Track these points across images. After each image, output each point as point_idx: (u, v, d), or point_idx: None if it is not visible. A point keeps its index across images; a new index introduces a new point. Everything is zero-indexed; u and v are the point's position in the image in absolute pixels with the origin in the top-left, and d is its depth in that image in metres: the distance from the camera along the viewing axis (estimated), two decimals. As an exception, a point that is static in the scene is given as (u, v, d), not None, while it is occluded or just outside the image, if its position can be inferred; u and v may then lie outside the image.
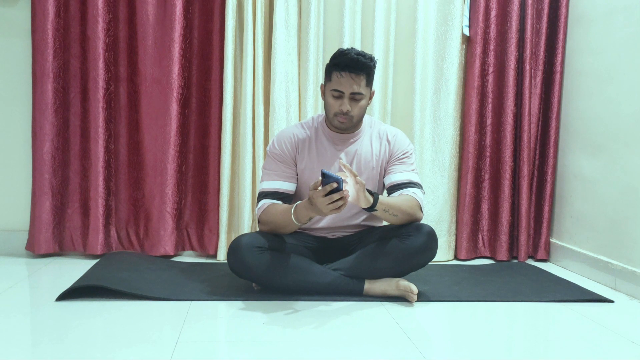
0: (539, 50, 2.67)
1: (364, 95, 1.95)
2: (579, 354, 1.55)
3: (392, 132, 2.12)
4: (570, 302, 2.00)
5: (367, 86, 1.96)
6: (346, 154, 2.06)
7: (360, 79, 1.92)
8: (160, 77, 2.45)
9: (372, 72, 1.97)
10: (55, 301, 1.83)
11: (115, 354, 1.44)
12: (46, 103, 2.39)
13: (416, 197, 1.97)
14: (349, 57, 1.91)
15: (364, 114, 2.04)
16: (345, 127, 2.00)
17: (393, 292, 1.94)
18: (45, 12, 2.36)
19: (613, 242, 2.28)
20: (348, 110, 1.94)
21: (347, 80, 1.91)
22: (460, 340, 1.65)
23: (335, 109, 1.96)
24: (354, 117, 1.98)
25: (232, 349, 1.50)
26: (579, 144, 2.54)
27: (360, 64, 1.90)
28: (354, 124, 2.01)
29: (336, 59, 1.94)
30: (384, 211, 1.89)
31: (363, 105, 1.98)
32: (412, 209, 1.94)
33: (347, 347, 1.56)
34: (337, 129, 2.04)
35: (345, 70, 1.91)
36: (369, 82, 1.97)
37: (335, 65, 1.94)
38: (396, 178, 2.02)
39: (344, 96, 1.93)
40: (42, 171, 2.41)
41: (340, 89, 1.92)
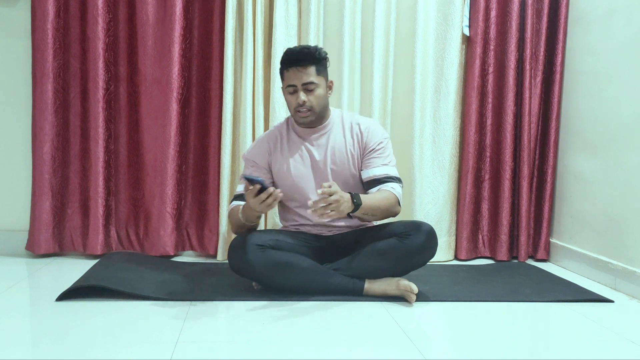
0: (539, 50, 2.67)
1: (317, 84, 1.99)
2: (579, 354, 1.55)
3: (364, 123, 2.12)
4: (570, 302, 2.00)
5: (319, 75, 2.00)
6: (318, 147, 2.08)
7: (309, 70, 1.97)
8: (160, 77, 2.45)
9: (321, 62, 2.01)
10: (55, 301, 1.83)
11: (115, 354, 1.44)
12: (46, 103, 2.39)
13: (394, 192, 2.00)
14: (293, 52, 2.00)
15: (325, 104, 2.06)
16: (308, 120, 2.03)
17: (393, 291, 1.94)
18: (45, 12, 2.36)
19: (613, 242, 2.28)
20: (304, 101, 1.98)
21: (296, 74, 1.97)
22: (460, 340, 1.65)
23: (294, 104, 2.01)
24: (314, 107, 2.01)
25: (232, 349, 1.50)
26: (579, 144, 2.54)
27: (304, 54, 1.98)
28: (316, 115, 2.03)
29: (283, 59, 2.01)
30: (363, 214, 1.92)
31: (320, 94, 2.01)
32: (391, 205, 1.98)
33: (347, 347, 1.56)
34: (303, 125, 2.07)
35: (292, 66, 1.97)
36: (319, 71, 2.00)
37: (283, 64, 2.01)
38: (374, 173, 2.04)
39: (298, 89, 1.98)
40: (42, 171, 2.41)
41: (292, 83, 1.98)
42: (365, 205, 1.89)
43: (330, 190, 1.76)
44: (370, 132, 2.09)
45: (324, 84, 2.03)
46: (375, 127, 2.12)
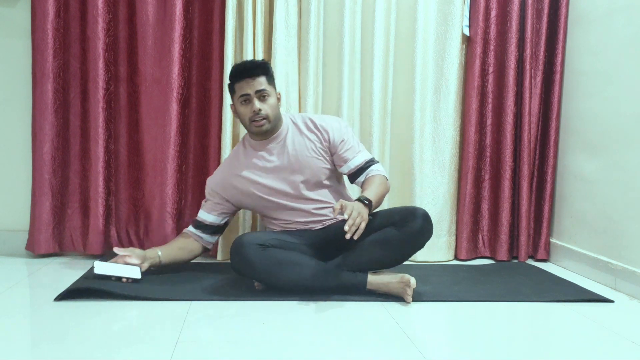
0: (539, 50, 2.67)
1: (269, 92, 2.06)
2: (579, 354, 1.55)
3: (318, 119, 2.18)
4: (570, 302, 2.00)
5: (270, 84, 2.08)
6: (278, 154, 2.13)
7: (260, 79, 2.05)
8: (160, 77, 2.45)
9: (270, 72, 2.10)
10: (54, 301, 1.83)
11: (115, 354, 1.44)
12: (46, 103, 2.39)
13: (380, 172, 2.11)
14: (241, 65, 2.09)
15: (278, 113, 2.12)
16: (264, 129, 2.07)
17: (395, 286, 1.93)
18: (45, 12, 2.36)
19: (613, 242, 2.28)
20: (259, 108, 2.03)
21: (248, 83, 2.04)
22: (460, 340, 1.65)
23: (249, 114, 2.06)
24: (269, 115, 2.06)
25: (232, 349, 1.50)
26: (579, 144, 2.54)
27: (253, 65, 2.07)
28: (271, 123, 2.08)
29: (232, 73, 2.09)
30: (374, 206, 1.99)
31: (273, 103, 2.07)
32: (386, 186, 2.09)
33: (347, 347, 1.55)
34: (259, 136, 2.11)
35: (243, 77, 2.05)
36: (269, 81, 2.08)
37: (233, 78, 2.08)
38: (355, 164, 2.12)
39: (251, 97, 2.04)
40: (42, 171, 2.41)
41: (245, 92, 2.04)
42: (374, 199, 1.97)
43: (344, 209, 1.81)
44: (330, 128, 2.14)
45: (275, 95, 2.11)
46: (331, 121, 2.18)
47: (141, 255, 2.04)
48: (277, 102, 2.12)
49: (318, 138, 2.14)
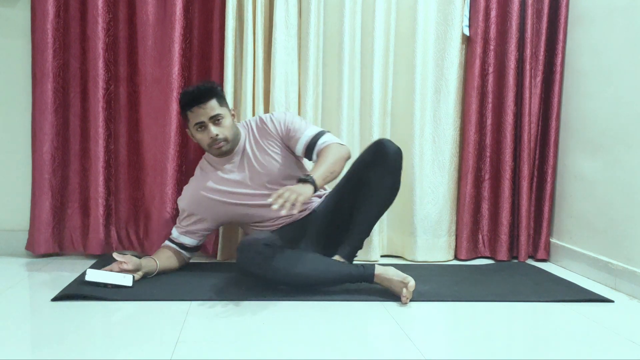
0: (539, 50, 2.67)
1: (223, 115, 2.07)
2: (579, 354, 1.55)
3: (265, 116, 2.22)
4: (570, 302, 2.00)
5: (222, 106, 2.09)
6: (240, 168, 2.16)
7: (211, 104, 2.05)
8: (160, 77, 2.45)
9: (219, 93, 2.10)
10: (51, 301, 1.83)
11: (115, 354, 1.44)
12: (46, 103, 2.39)
13: (331, 141, 2.08)
14: (190, 93, 2.07)
15: (236, 131, 2.14)
16: (225, 149, 2.11)
17: (396, 284, 1.92)
18: (45, 12, 2.36)
19: (613, 242, 2.28)
20: (216, 134, 2.05)
21: (199, 111, 2.04)
22: (460, 340, 1.65)
23: (207, 140, 2.07)
24: (227, 137, 2.09)
25: (232, 349, 1.50)
26: (579, 144, 2.54)
27: (202, 91, 2.06)
28: (231, 143, 2.11)
29: (182, 101, 2.09)
30: (325, 179, 1.95)
31: (228, 124, 2.09)
32: (339, 154, 2.04)
33: (347, 347, 1.55)
34: (221, 156, 2.14)
35: (193, 105, 2.04)
36: (221, 102, 2.09)
37: (184, 107, 2.08)
38: (304, 140, 2.12)
39: (206, 123, 2.05)
40: (42, 171, 2.41)
41: (199, 120, 2.05)
42: (319, 174, 1.92)
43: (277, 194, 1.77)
44: (277, 120, 2.17)
45: (229, 114, 2.12)
46: (277, 114, 2.21)
47: (137, 263, 2.03)
48: (232, 119, 2.14)
49: (272, 135, 2.16)
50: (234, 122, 2.15)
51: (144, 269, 2.06)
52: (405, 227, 2.63)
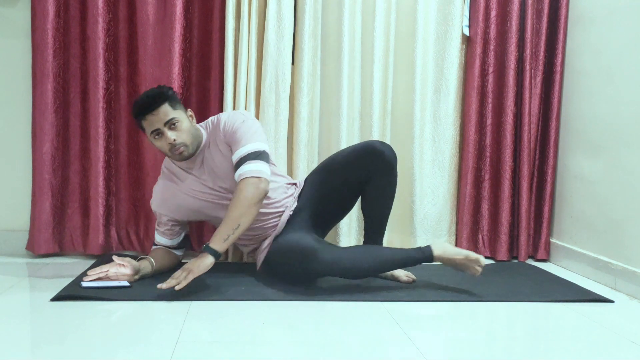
0: (539, 50, 2.67)
1: (178, 118, 1.98)
2: (579, 354, 1.55)
3: (221, 116, 2.13)
4: (570, 302, 2.00)
5: (176, 109, 2.00)
6: (200, 172, 2.11)
7: (163, 109, 1.96)
8: (160, 77, 2.44)
9: (170, 96, 2.00)
10: (50, 301, 1.83)
11: (115, 354, 1.44)
12: (46, 103, 2.39)
13: (249, 174, 1.93)
14: (140, 102, 1.99)
15: (196, 133, 2.06)
16: (187, 154, 2.04)
17: (462, 262, 2.03)
18: (45, 12, 2.36)
19: (613, 242, 2.28)
20: (174, 139, 1.97)
21: (153, 118, 1.96)
22: (460, 340, 1.65)
23: (166, 146, 1.99)
24: (186, 141, 2.00)
25: (232, 349, 1.50)
26: (579, 144, 2.54)
27: (151, 97, 1.97)
28: (191, 146, 2.03)
29: (133, 112, 2.02)
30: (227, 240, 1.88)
31: (186, 127, 2.00)
32: (249, 201, 1.90)
33: (347, 347, 1.55)
34: (183, 160, 2.09)
35: (145, 114, 1.97)
36: (174, 106, 1.99)
37: (137, 117, 2.01)
38: (234, 158, 2.00)
39: (162, 130, 1.97)
40: (42, 171, 2.41)
41: (154, 128, 1.97)
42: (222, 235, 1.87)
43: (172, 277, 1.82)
44: (223, 122, 2.08)
45: (185, 116, 2.03)
46: (227, 117, 2.09)
47: (136, 265, 2.03)
48: (191, 120, 2.07)
49: (221, 138, 2.08)
50: (193, 124, 2.07)
51: (141, 271, 2.06)
52: (405, 227, 2.63)
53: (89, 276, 1.96)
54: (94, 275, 1.95)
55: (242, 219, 1.89)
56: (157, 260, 2.13)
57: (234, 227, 1.87)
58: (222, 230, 1.87)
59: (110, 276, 1.97)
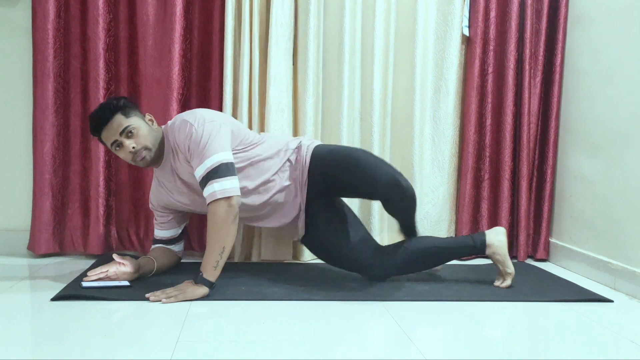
0: (538, 50, 2.68)
1: (133, 125, 1.94)
2: (578, 353, 1.55)
3: (173, 126, 2.01)
4: (570, 302, 2.00)
5: (130, 116, 1.96)
6: (169, 178, 2.08)
7: (116, 119, 1.94)
8: (161, 77, 2.45)
9: (122, 106, 1.96)
10: (51, 301, 1.83)
11: (115, 354, 1.44)
12: (46, 103, 2.40)
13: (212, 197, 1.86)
14: (92, 118, 1.98)
15: (157, 136, 2.01)
16: (150, 158, 1.99)
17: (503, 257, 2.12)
18: (45, 12, 2.36)
19: (613, 242, 2.28)
20: (133, 146, 1.94)
21: (108, 133, 1.95)
22: (460, 340, 1.65)
23: (128, 155, 1.97)
24: (148, 145, 1.97)
25: (232, 349, 1.50)
26: (579, 143, 2.54)
27: (102, 111, 1.95)
28: (153, 150, 1.99)
29: (90, 129, 2.00)
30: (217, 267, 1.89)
31: (144, 132, 1.96)
32: (222, 229, 1.86)
33: (347, 347, 1.56)
34: (150, 166, 2.07)
35: (101, 130, 1.96)
36: (127, 113, 1.96)
37: (94, 134, 2.00)
38: (197, 177, 1.93)
39: (120, 140, 1.94)
40: (43, 171, 2.41)
41: (112, 140, 1.95)
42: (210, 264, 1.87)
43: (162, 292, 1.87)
44: (173, 135, 1.99)
45: (142, 122, 1.99)
46: (178, 127, 1.97)
47: (136, 264, 2.03)
48: (152, 124, 2.03)
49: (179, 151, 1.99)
50: (154, 127, 2.03)
51: (142, 269, 2.06)
52: (405, 227, 2.63)
53: (89, 277, 1.96)
54: (94, 276, 1.96)
55: (225, 242, 1.88)
56: (158, 259, 2.14)
57: (220, 252, 1.87)
58: (210, 258, 1.87)
59: (110, 276, 1.97)
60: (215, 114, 2.06)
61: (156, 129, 2.05)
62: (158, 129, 2.06)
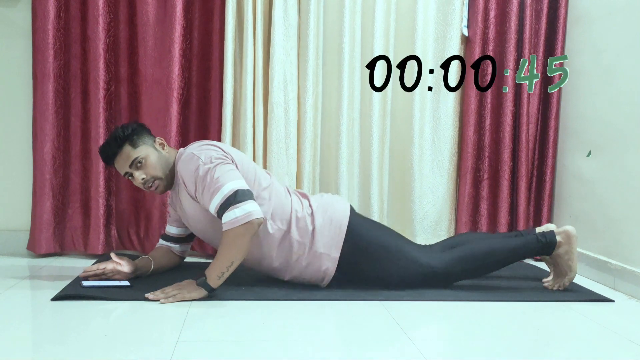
0: (537, 50, 2.68)
1: (141, 156, 1.94)
2: (579, 353, 1.55)
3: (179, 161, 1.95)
4: (570, 302, 2.00)
5: (138, 147, 1.95)
6: (177, 205, 2.05)
7: (125, 151, 1.94)
8: (161, 78, 2.45)
9: (128, 137, 1.95)
10: (51, 301, 1.83)
11: (115, 354, 1.44)
12: (47, 103, 2.40)
13: (227, 227, 1.80)
14: (102, 149, 1.98)
15: (167, 163, 1.99)
16: (163, 187, 2.00)
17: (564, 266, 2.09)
18: (45, 12, 2.36)
19: (612, 242, 2.28)
20: (143, 177, 1.95)
21: (119, 165, 1.97)
22: (460, 340, 1.65)
23: (140, 185, 1.98)
24: (158, 175, 1.96)
25: (232, 349, 1.50)
26: (578, 143, 2.54)
27: (109, 147, 1.95)
28: (165, 178, 1.99)
29: (102, 160, 2.01)
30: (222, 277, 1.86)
31: (152, 161, 1.95)
32: (233, 243, 1.81)
33: (347, 347, 1.56)
34: (162, 193, 2.06)
35: (111, 162, 1.98)
36: (135, 144, 1.95)
37: (107, 164, 2.02)
38: (213, 211, 1.86)
39: (130, 172, 1.96)
40: (43, 171, 2.42)
41: (123, 172, 1.97)
42: (216, 272, 1.84)
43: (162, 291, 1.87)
44: (182, 168, 1.93)
45: (152, 149, 1.97)
46: (187, 160, 1.92)
47: (133, 265, 2.04)
48: (161, 149, 2.00)
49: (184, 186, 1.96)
50: (164, 153, 2.00)
51: (139, 270, 2.06)
52: (404, 227, 2.63)
53: (87, 272, 1.96)
54: (91, 272, 1.96)
55: (236, 257, 1.84)
56: (156, 259, 2.14)
57: (228, 265, 1.84)
58: (217, 267, 1.84)
59: (107, 273, 1.97)
60: (223, 151, 1.95)
61: (167, 154, 2.01)
62: (170, 153, 2.03)
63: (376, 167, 2.57)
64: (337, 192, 2.53)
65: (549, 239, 2.07)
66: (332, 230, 1.98)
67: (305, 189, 2.51)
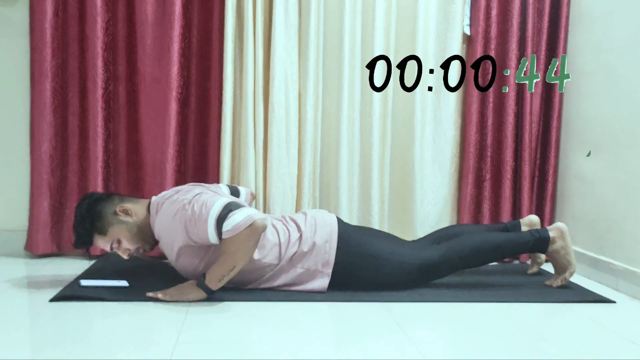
0: (540, 49, 2.67)
1: (114, 238, 1.94)
2: (580, 354, 1.54)
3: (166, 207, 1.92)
4: (572, 303, 1.99)
5: (108, 231, 1.94)
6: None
7: (99, 242, 1.96)
8: (160, 77, 2.44)
9: (94, 228, 1.93)
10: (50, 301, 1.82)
11: (115, 354, 1.43)
12: (44, 102, 2.38)
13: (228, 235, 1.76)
14: (76, 247, 1.99)
15: (138, 229, 1.96)
16: (150, 248, 2.03)
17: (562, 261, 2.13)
18: (43, 11, 2.35)
19: (614, 242, 2.27)
20: (128, 254, 1.98)
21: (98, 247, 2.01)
22: (460, 340, 1.64)
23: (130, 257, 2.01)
24: (136, 245, 1.98)
25: (232, 349, 1.49)
26: (580, 143, 2.53)
27: (83, 242, 1.96)
28: (148, 243, 2.01)
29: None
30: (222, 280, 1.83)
31: (126, 238, 1.95)
32: (237, 247, 1.78)
33: (347, 347, 1.55)
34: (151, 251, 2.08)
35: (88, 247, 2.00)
36: (102, 231, 1.94)
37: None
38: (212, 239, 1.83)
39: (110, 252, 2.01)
40: (41, 171, 2.40)
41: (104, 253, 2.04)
42: (216, 275, 1.81)
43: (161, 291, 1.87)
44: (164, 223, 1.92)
45: (120, 226, 1.94)
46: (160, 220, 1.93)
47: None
48: (127, 219, 1.95)
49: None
50: (131, 221, 1.95)
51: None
52: (405, 228, 2.62)
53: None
54: None
55: (238, 262, 1.81)
56: None
57: (229, 269, 1.81)
58: (218, 270, 1.81)
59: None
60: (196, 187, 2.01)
61: (135, 217, 1.97)
62: (137, 212, 1.98)
63: (377, 167, 2.56)
64: (337, 192, 2.51)
65: (542, 234, 2.11)
66: (323, 248, 1.99)
67: (305, 189, 2.50)
